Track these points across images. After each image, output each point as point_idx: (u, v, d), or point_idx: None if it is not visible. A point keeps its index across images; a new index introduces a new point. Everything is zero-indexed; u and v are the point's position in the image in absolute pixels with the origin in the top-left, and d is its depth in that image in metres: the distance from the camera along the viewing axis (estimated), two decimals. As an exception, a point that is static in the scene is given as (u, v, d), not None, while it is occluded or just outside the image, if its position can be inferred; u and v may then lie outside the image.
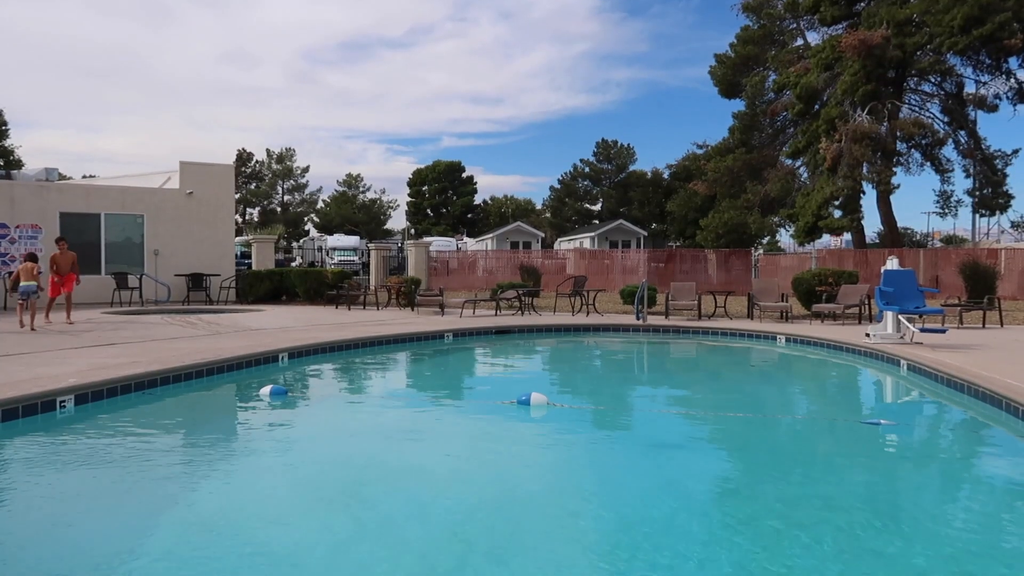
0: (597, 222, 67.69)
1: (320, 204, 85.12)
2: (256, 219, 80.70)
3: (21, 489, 5.09)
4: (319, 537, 4.19)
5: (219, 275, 21.37)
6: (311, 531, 4.28)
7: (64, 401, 6.86)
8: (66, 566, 3.80)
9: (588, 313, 16.99)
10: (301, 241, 64.73)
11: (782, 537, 4.19)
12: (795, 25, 40.69)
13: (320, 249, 53.03)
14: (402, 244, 45.64)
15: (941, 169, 37.43)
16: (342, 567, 3.82)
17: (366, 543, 4.13)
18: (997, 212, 37.75)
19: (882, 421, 7.13)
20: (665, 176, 63.58)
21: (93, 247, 19.93)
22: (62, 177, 23.75)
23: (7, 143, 49.64)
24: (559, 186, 78.04)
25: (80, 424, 6.72)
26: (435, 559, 3.85)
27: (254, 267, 23.92)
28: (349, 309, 18.30)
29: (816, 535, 4.20)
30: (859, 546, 4.01)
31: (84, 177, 42.19)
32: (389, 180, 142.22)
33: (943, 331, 11.81)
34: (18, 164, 47.86)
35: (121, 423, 6.96)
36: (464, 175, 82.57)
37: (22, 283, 12.80)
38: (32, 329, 12.45)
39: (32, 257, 13.29)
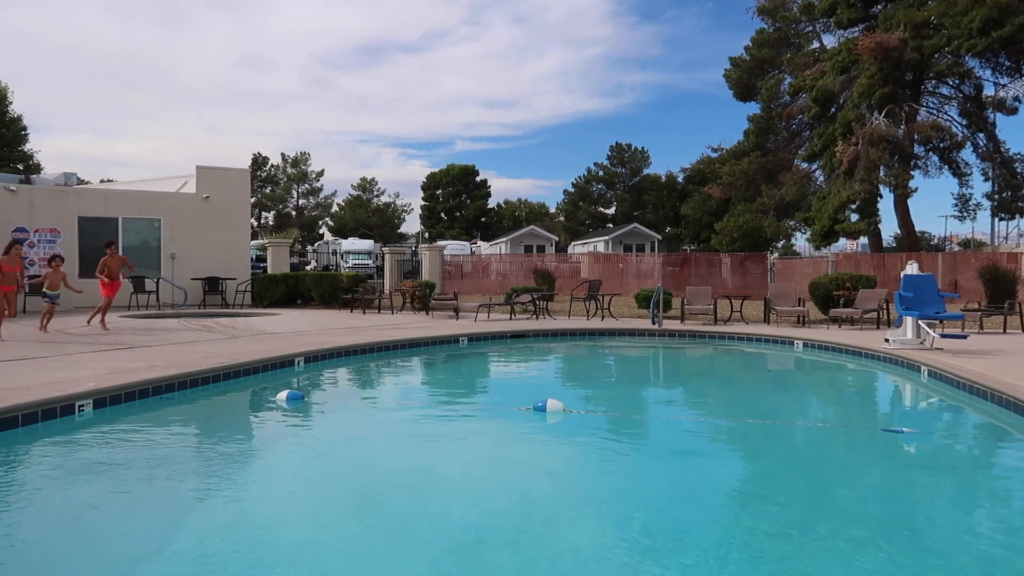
0: (611, 225, 67.51)
1: (335, 208, 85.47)
2: (271, 223, 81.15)
3: (40, 493, 5.11)
4: (335, 542, 4.18)
5: (235, 279, 21.48)
6: (327, 536, 4.27)
7: (83, 405, 6.89)
8: (84, 569, 3.81)
9: (603, 317, 16.93)
10: (316, 245, 64.99)
11: (802, 547, 4.13)
12: (811, 28, 40.48)
13: (334, 253, 53.17)
14: (416, 248, 45.75)
15: (959, 172, 37.11)
16: (357, 571, 3.82)
17: (382, 549, 4.11)
18: (1017, 215, 37.36)
19: (904, 429, 7.03)
20: (679, 179, 63.42)
21: (111, 251, 20.04)
22: (80, 182, 24.01)
23: (26, 148, 50.17)
24: (573, 190, 77.94)
25: (98, 428, 6.74)
26: (449, 566, 3.83)
27: (269, 271, 24.03)
28: (364, 313, 18.34)
29: (836, 546, 4.14)
30: (881, 558, 3.94)
31: (102, 181, 42.64)
32: (403, 184, 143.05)
33: (964, 336, 11.66)
34: (37, 169, 48.31)
35: (139, 427, 6.98)
36: (478, 179, 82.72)
37: (49, 290, 12.85)
38: (45, 331, 12.61)
39: (59, 259, 13.23)
